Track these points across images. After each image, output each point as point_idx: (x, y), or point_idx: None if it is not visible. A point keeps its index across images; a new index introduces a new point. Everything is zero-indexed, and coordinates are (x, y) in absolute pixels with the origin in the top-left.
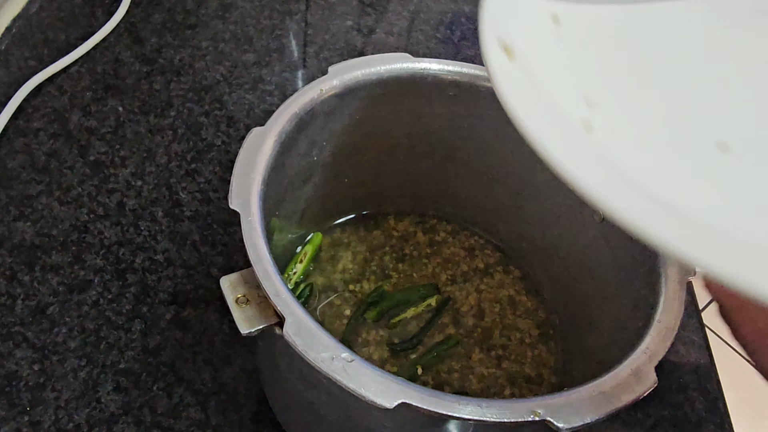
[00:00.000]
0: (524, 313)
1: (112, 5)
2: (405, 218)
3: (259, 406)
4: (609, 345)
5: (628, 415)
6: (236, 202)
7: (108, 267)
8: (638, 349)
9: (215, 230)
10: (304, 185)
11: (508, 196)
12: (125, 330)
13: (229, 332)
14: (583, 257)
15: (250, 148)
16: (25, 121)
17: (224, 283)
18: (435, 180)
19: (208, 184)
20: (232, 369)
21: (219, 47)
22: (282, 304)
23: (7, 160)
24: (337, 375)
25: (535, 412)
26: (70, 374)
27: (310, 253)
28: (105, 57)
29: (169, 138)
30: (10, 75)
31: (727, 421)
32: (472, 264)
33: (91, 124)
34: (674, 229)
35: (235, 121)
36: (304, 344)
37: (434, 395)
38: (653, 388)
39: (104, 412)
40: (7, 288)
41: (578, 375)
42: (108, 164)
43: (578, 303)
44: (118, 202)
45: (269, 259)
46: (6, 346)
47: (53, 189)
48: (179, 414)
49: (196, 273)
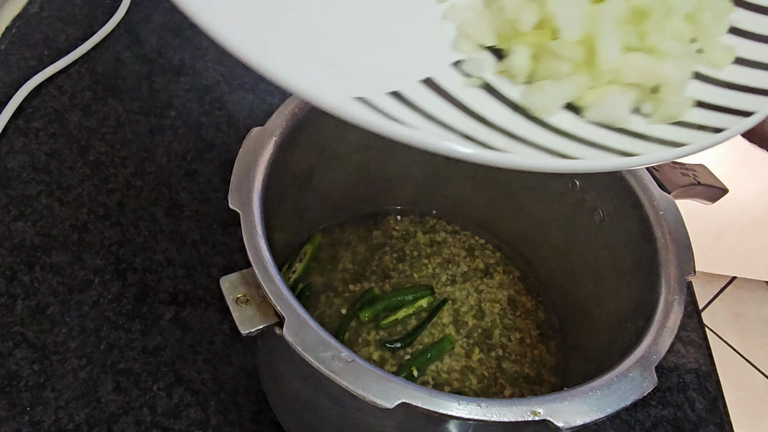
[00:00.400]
0: (524, 313)
1: (112, 5)
2: (405, 218)
3: (259, 406)
4: (609, 345)
5: (628, 415)
6: (236, 202)
7: (108, 267)
8: (638, 349)
9: (215, 230)
10: (304, 185)
11: (508, 196)
12: (125, 330)
13: (229, 332)
14: (583, 257)
15: (250, 148)
16: (25, 121)
17: (224, 283)
18: (435, 180)
19: (208, 184)
20: (232, 369)
21: (219, 47)
22: (282, 304)
23: (7, 160)
24: (337, 375)
25: (535, 412)
26: (70, 374)
27: (310, 253)
28: (105, 57)
29: (170, 138)
30: (10, 75)
31: (727, 421)
32: (472, 264)
33: (91, 124)
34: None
35: (235, 121)
36: (304, 344)
37: (434, 395)
38: (653, 388)
39: (104, 412)
40: (7, 288)
41: (578, 375)
42: (108, 164)
43: (578, 303)
44: (118, 202)
45: (269, 259)
46: (6, 346)
47: (53, 189)
48: (179, 414)
49: (196, 273)
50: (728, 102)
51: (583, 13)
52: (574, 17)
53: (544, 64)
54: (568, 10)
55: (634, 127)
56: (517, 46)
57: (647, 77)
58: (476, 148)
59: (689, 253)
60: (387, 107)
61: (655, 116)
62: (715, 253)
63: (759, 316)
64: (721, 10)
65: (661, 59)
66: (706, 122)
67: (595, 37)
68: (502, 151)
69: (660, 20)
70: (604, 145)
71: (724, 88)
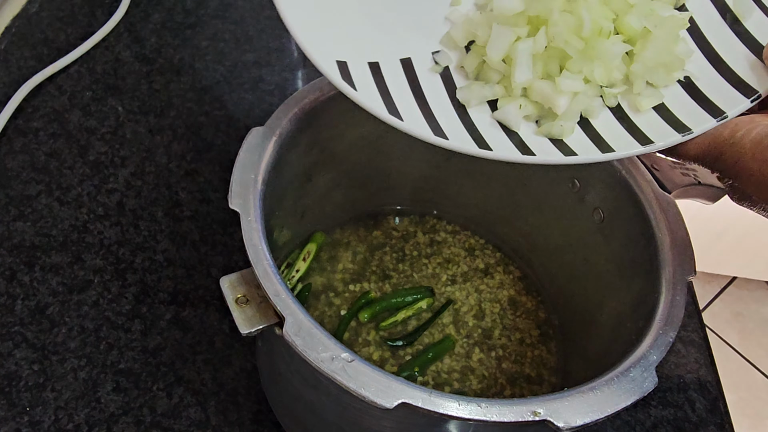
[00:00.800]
0: (524, 313)
1: (112, 5)
2: (405, 218)
3: (259, 406)
4: (609, 345)
5: (628, 416)
6: (236, 202)
7: (108, 267)
8: (638, 349)
9: (215, 230)
10: (304, 185)
11: (508, 196)
12: (125, 330)
13: (229, 332)
14: (583, 257)
15: (250, 148)
16: (24, 121)
17: (224, 283)
18: (435, 180)
19: (208, 184)
20: (232, 369)
21: (219, 47)
22: (282, 304)
23: (7, 160)
24: (337, 375)
25: (535, 412)
26: (70, 374)
27: (314, 252)
28: (105, 57)
29: (169, 138)
30: (10, 75)
31: (727, 422)
32: (472, 264)
33: (91, 124)
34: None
35: (235, 121)
36: (304, 344)
37: (434, 395)
38: (653, 388)
39: (104, 412)
40: (7, 288)
41: (578, 375)
42: (108, 164)
43: (578, 303)
44: (118, 202)
45: (269, 259)
46: (6, 346)
47: (53, 189)
48: (179, 414)
49: (196, 273)
50: (609, 136)
51: (507, 44)
52: (499, 46)
53: (484, 70)
54: (497, 40)
55: (521, 131)
56: (472, 52)
57: (544, 100)
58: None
59: (689, 253)
60: (359, 73)
61: (540, 129)
62: (716, 253)
63: (759, 316)
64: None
65: (557, 91)
66: (574, 146)
67: (512, 61)
68: (401, 119)
69: (576, 62)
70: (482, 135)
71: (620, 125)
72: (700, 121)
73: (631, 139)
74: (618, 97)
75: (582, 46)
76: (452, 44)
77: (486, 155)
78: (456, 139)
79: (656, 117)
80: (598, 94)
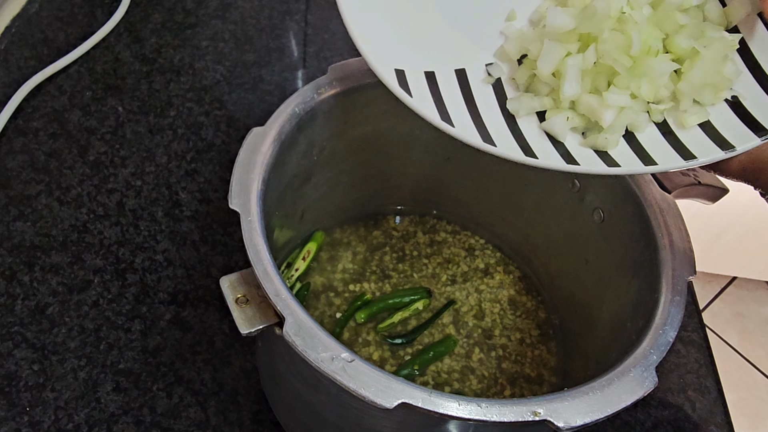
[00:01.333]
0: (524, 313)
1: (112, 5)
2: (405, 218)
3: (259, 406)
4: (609, 345)
5: (628, 416)
6: (236, 202)
7: (108, 267)
8: (638, 349)
9: (215, 230)
10: (303, 185)
11: (508, 196)
12: (125, 330)
13: (229, 332)
14: (583, 257)
15: (250, 148)
16: (24, 121)
17: (224, 283)
18: (435, 180)
19: (208, 184)
20: (232, 369)
21: (219, 47)
22: (282, 304)
23: (7, 160)
24: (337, 375)
25: (535, 412)
26: (70, 374)
27: (314, 251)
28: (105, 57)
29: (169, 138)
30: (9, 75)
31: (727, 422)
32: (472, 264)
33: (91, 124)
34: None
35: (235, 121)
36: (304, 344)
37: (434, 395)
38: (653, 388)
39: (104, 412)
40: (7, 288)
41: (578, 375)
42: (108, 164)
43: (578, 303)
44: (118, 202)
45: (269, 259)
46: (6, 346)
47: (53, 189)
48: (179, 414)
49: (196, 273)
50: (653, 150)
51: (557, 59)
52: (550, 60)
53: (534, 82)
54: (548, 55)
55: (567, 142)
56: (524, 65)
57: (591, 113)
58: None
59: (689, 253)
60: (415, 80)
61: (586, 141)
62: (716, 253)
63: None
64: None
65: (604, 105)
66: (617, 157)
67: (561, 75)
68: (452, 126)
69: (624, 78)
70: (528, 144)
71: (664, 140)
72: (744, 138)
73: (674, 154)
74: (664, 113)
75: (630, 64)
76: (505, 57)
77: (531, 162)
78: (503, 147)
79: (700, 133)
80: (644, 109)
